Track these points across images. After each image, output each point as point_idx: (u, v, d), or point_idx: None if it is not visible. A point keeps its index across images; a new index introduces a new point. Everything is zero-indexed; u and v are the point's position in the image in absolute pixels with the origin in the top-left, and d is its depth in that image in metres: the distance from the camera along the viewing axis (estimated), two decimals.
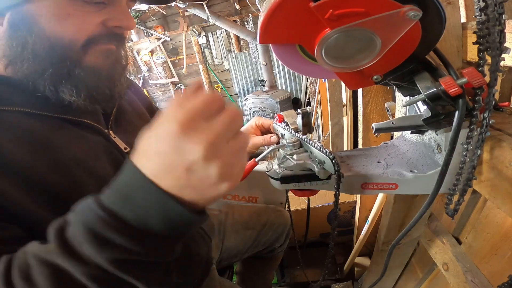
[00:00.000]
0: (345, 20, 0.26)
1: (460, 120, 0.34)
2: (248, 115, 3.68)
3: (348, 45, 0.28)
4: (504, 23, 0.31)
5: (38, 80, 0.43)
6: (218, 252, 0.87)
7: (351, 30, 0.27)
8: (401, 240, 0.81)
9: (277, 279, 1.37)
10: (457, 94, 0.32)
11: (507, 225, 0.52)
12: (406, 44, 0.30)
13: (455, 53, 0.52)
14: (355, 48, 0.29)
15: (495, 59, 0.33)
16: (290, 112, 0.60)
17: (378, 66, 0.32)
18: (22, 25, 0.41)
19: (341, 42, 0.28)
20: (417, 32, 0.29)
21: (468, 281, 0.58)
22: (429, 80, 0.34)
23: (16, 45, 0.42)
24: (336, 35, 0.27)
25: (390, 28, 0.27)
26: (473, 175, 0.42)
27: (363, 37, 0.28)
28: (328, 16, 0.26)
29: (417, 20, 0.26)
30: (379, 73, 0.34)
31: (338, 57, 0.30)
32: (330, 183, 0.49)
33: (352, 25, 0.26)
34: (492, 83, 0.34)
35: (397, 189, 0.48)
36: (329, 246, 0.60)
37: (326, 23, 0.27)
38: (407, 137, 0.54)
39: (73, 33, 0.43)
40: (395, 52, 0.30)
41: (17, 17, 0.40)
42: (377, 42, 0.28)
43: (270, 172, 0.52)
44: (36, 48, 0.42)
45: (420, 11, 0.26)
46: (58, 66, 0.43)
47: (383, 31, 0.27)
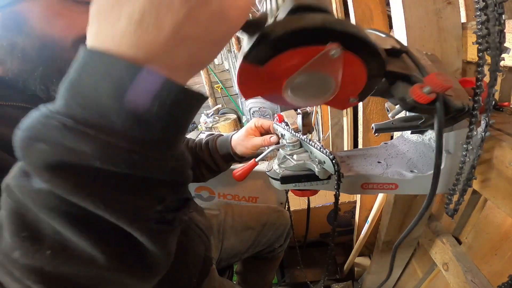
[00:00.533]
0: (289, 72, 0.29)
1: (440, 123, 0.34)
2: (248, 115, 3.69)
3: (310, 86, 0.31)
4: (504, 23, 0.31)
5: (29, 80, 0.44)
6: (218, 252, 0.87)
7: (300, 76, 0.30)
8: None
9: (277, 279, 1.37)
10: (430, 101, 0.32)
11: (507, 225, 0.52)
12: (357, 69, 0.32)
13: (455, 53, 0.52)
14: (317, 86, 0.31)
15: (494, 59, 0.33)
16: (290, 112, 0.60)
17: (349, 90, 0.34)
18: (12, 24, 0.41)
19: (303, 85, 0.31)
20: (355, 60, 0.30)
21: (468, 281, 0.58)
22: (403, 90, 0.34)
23: (6, 45, 0.42)
24: (290, 86, 0.31)
25: (328, 67, 0.29)
26: (473, 175, 0.42)
27: (315, 77, 0.30)
28: (275, 73, 0.29)
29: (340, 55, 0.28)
30: (353, 95, 0.35)
31: (306, 96, 0.33)
32: (330, 183, 0.49)
33: (295, 75, 0.29)
34: (491, 83, 0.34)
35: (397, 189, 0.48)
36: (329, 247, 0.60)
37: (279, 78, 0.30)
38: (407, 137, 0.54)
39: (63, 32, 0.43)
40: (353, 78, 0.32)
41: (7, 17, 0.41)
42: (329, 78, 0.30)
43: (270, 172, 0.52)
44: (26, 47, 0.42)
45: (338, 47, 0.27)
46: (49, 65, 0.44)
47: (325, 69, 0.30)
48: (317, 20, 0.27)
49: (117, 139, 0.20)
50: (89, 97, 0.20)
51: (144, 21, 0.19)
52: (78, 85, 0.21)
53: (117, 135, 0.20)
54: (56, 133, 0.20)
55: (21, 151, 0.21)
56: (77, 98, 0.21)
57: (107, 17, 0.20)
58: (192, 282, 0.65)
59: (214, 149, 0.77)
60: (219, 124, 3.87)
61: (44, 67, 0.44)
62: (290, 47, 0.28)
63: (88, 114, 0.20)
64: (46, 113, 0.21)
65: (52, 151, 0.20)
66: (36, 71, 0.44)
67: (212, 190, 1.09)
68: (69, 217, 0.21)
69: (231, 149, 0.75)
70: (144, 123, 0.21)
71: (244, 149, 0.73)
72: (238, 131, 0.75)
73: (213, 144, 0.78)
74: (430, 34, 0.51)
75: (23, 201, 0.21)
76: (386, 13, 0.86)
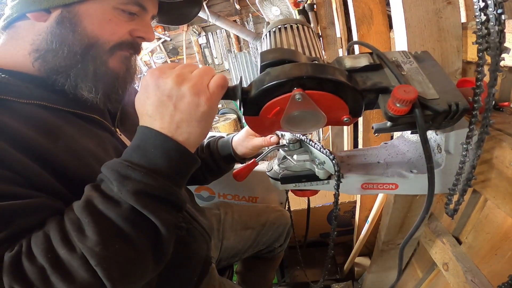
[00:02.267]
0: (279, 115, 0.36)
1: (422, 129, 0.33)
2: None
3: (302, 119, 0.37)
4: (504, 23, 0.31)
5: (62, 74, 0.47)
6: (218, 252, 0.87)
7: (288, 116, 0.36)
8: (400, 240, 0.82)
9: (277, 279, 1.37)
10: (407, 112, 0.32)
11: (507, 225, 0.52)
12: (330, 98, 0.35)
13: (455, 53, 0.52)
14: (308, 118, 0.36)
15: (494, 59, 0.33)
16: None
17: (338, 114, 0.37)
18: (69, 23, 0.45)
19: (295, 121, 0.37)
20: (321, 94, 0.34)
21: (468, 281, 0.58)
22: (383, 104, 0.35)
23: (56, 41, 0.46)
24: (285, 123, 0.37)
25: (302, 106, 0.34)
26: (473, 175, 0.42)
27: (302, 114, 0.36)
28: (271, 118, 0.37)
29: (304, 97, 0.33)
30: (345, 116, 0.38)
31: (301, 127, 0.38)
32: (330, 183, 0.49)
33: (284, 117, 0.36)
34: (491, 83, 0.34)
35: (397, 189, 0.48)
36: (329, 246, 0.60)
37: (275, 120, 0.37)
38: (407, 137, 0.54)
39: (108, 36, 0.48)
40: (333, 105, 0.36)
41: (67, 15, 0.45)
42: (317, 112, 0.35)
43: (270, 172, 0.52)
44: (74, 45, 0.46)
45: (299, 91, 0.33)
46: (87, 64, 0.47)
47: (302, 108, 0.35)
48: (277, 74, 0.34)
49: (162, 177, 0.38)
50: (149, 157, 0.38)
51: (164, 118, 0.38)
52: (144, 149, 0.38)
53: (162, 175, 0.38)
54: (137, 175, 0.36)
55: (118, 184, 0.36)
56: (144, 158, 0.38)
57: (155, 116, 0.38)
58: (193, 280, 0.65)
59: (215, 151, 0.77)
60: (219, 124, 3.86)
61: (83, 65, 0.47)
62: (268, 100, 0.35)
63: (151, 165, 0.38)
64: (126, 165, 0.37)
65: (139, 185, 0.36)
66: (74, 67, 0.47)
67: (212, 190, 1.09)
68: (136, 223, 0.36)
69: (232, 150, 0.75)
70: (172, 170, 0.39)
71: (245, 150, 0.73)
72: (238, 132, 0.76)
73: (215, 146, 0.78)
74: (430, 34, 0.51)
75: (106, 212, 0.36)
76: (386, 13, 0.86)
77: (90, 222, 0.34)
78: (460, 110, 0.34)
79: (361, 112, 0.38)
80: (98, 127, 0.52)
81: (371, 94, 0.36)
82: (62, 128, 0.46)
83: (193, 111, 0.37)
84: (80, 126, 0.49)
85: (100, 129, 0.53)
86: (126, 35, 0.50)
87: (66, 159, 0.43)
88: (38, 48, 0.46)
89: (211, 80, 0.38)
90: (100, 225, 0.35)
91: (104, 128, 0.54)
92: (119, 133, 0.58)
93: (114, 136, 0.55)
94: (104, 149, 0.50)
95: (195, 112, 0.37)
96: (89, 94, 0.49)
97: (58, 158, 0.42)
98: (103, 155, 0.49)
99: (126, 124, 0.61)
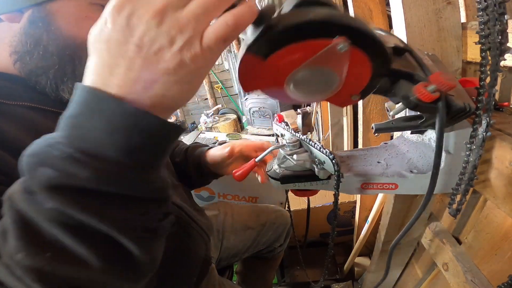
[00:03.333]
0: (293, 66, 0.29)
1: (442, 123, 0.33)
2: (248, 115, 3.69)
3: (313, 81, 0.30)
4: (505, 23, 0.31)
5: (42, 76, 0.45)
6: (217, 252, 0.87)
7: (303, 71, 0.29)
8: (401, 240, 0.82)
9: (277, 279, 1.37)
10: (433, 100, 0.32)
11: (507, 225, 0.52)
12: (362, 66, 0.31)
13: (455, 53, 0.52)
14: (320, 81, 0.31)
15: (495, 59, 0.33)
16: (290, 112, 0.60)
17: (351, 87, 0.33)
18: (41, 22, 0.43)
19: (305, 80, 0.30)
20: (361, 56, 0.30)
21: (468, 281, 0.58)
22: (406, 89, 0.34)
23: (30, 42, 0.44)
24: (293, 79, 0.30)
25: (334, 62, 0.29)
26: (474, 175, 0.42)
27: (318, 72, 0.30)
28: (278, 67, 0.29)
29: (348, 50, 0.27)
30: (355, 92, 0.35)
31: (308, 92, 0.32)
32: (330, 183, 0.49)
33: (298, 69, 0.29)
34: (492, 83, 0.34)
35: (397, 189, 0.48)
36: (329, 246, 0.60)
37: (282, 70, 0.29)
38: (407, 137, 0.54)
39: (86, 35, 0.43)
40: (357, 75, 0.32)
41: (38, 14, 0.43)
42: (333, 75, 0.30)
43: (270, 172, 0.52)
44: (49, 45, 0.44)
45: (346, 42, 0.27)
46: (65, 64, 0.45)
47: (330, 65, 0.29)
48: (323, 13, 0.27)
49: (109, 166, 0.25)
50: (86, 130, 0.25)
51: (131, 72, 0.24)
52: (77, 120, 0.25)
53: (109, 162, 0.25)
54: (58, 160, 0.24)
55: (28, 173, 0.25)
56: (76, 131, 0.25)
57: (110, 66, 0.25)
58: (192, 281, 0.65)
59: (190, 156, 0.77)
60: (219, 124, 3.86)
61: (60, 65, 0.45)
62: (295, 41, 0.27)
63: (86, 144, 0.25)
64: (49, 142, 0.25)
65: (55, 175, 0.24)
66: (52, 68, 0.45)
67: (212, 190, 1.09)
68: (68, 227, 0.24)
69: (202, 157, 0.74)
70: (131, 152, 0.25)
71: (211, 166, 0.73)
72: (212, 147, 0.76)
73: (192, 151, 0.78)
74: (430, 34, 0.51)
75: (28, 212, 0.24)
76: (386, 13, 0.86)
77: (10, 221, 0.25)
78: (472, 110, 0.34)
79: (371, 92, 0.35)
80: None
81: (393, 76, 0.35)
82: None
83: (172, 70, 0.24)
84: None
85: None
86: None
87: None
88: (15, 50, 0.44)
89: (211, 28, 0.24)
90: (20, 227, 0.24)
91: None
92: None
93: None
94: None
95: (174, 71, 0.24)
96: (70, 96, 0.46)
97: None
98: None
99: None
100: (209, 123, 3.87)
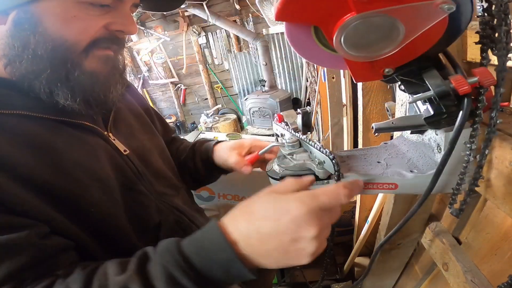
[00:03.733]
0: (374, 4, 0.25)
1: (464, 119, 0.34)
2: (248, 115, 3.68)
3: (370, 33, 0.27)
4: (510, 24, 0.31)
5: (34, 81, 0.43)
6: None
7: (377, 16, 0.25)
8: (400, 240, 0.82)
9: (277, 279, 1.37)
10: (465, 93, 0.32)
11: (507, 225, 0.52)
12: (427, 38, 0.29)
13: (455, 53, 0.52)
14: (376, 37, 0.27)
15: (501, 59, 0.33)
16: (290, 112, 0.60)
17: (393, 58, 0.31)
18: (27, 24, 0.40)
19: (363, 29, 0.27)
20: (442, 26, 0.28)
21: (468, 281, 0.58)
22: (439, 78, 0.34)
23: (18, 45, 0.41)
24: (360, 20, 0.26)
25: (418, 19, 0.26)
26: (480, 175, 0.42)
27: (387, 25, 0.26)
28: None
29: (448, 14, 0.26)
30: (391, 66, 0.33)
31: (357, 45, 0.28)
32: (330, 183, 0.49)
33: (381, 11, 0.25)
34: (499, 83, 0.34)
35: (397, 189, 0.48)
36: (329, 246, 0.60)
37: (353, 6, 0.25)
38: (407, 137, 0.54)
39: (76, 36, 0.42)
40: (415, 45, 0.29)
41: (23, 16, 0.40)
42: (400, 32, 0.27)
43: (270, 172, 0.52)
44: (37, 48, 0.41)
45: (454, 4, 0.25)
46: (57, 68, 0.43)
47: (410, 21, 0.26)
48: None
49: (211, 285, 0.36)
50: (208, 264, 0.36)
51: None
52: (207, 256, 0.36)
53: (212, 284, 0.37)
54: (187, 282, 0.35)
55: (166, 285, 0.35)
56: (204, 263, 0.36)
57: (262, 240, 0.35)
58: None
59: (197, 152, 0.75)
60: (219, 124, 3.86)
61: (52, 69, 0.43)
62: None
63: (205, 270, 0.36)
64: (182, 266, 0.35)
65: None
66: (44, 73, 0.42)
67: (212, 190, 1.09)
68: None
69: (211, 152, 0.72)
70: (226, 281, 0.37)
71: (217, 159, 0.71)
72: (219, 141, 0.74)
73: (199, 147, 0.76)
74: None
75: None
76: None
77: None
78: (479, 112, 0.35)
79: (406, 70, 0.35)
80: (88, 133, 0.50)
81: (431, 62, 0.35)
82: (48, 141, 0.43)
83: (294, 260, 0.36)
84: (69, 135, 0.47)
85: (90, 135, 0.50)
86: (101, 30, 0.44)
87: (52, 176, 0.41)
88: (4, 53, 0.42)
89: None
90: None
91: (97, 134, 0.51)
92: (112, 138, 0.54)
93: (107, 142, 0.53)
94: (96, 158, 0.48)
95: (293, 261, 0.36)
96: (66, 101, 0.44)
97: (43, 176, 0.40)
98: (93, 165, 0.47)
99: (119, 127, 0.58)
100: (209, 123, 3.87)
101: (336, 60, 0.34)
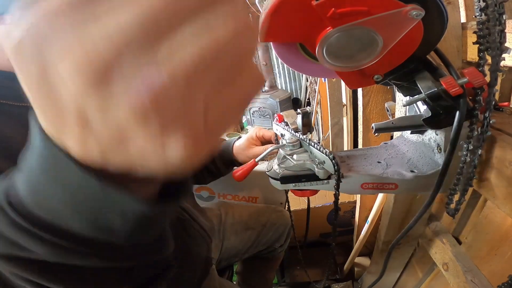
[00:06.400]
0: (347, 19, 0.26)
1: (461, 120, 0.34)
2: (248, 115, 3.68)
3: (350, 44, 0.28)
4: (504, 23, 0.31)
5: None
6: (218, 252, 0.87)
7: (353, 29, 0.27)
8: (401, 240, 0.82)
9: (277, 279, 1.37)
10: (458, 94, 0.32)
11: (507, 225, 0.52)
12: (408, 44, 0.31)
13: (455, 53, 0.52)
14: (356, 47, 0.29)
15: (495, 59, 0.33)
16: (290, 112, 0.60)
17: (379, 65, 0.32)
18: None
19: (342, 41, 0.28)
20: (419, 31, 0.29)
21: (468, 281, 0.58)
22: (430, 80, 0.34)
23: None
24: (337, 34, 0.27)
25: (392, 28, 0.27)
26: (473, 174, 0.42)
27: (364, 36, 0.28)
28: (330, 14, 0.26)
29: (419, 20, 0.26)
30: (380, 72, 0.34)
31: (340, 56, 0.30)
32: (330, 183, 0.49)
33: (354, 24, 0.26)
34: (492, 83, 0.34)
35: (397, 189, 0.48)
36: (330, 247, 0.60)
37: (328, 22, 0.27)
38: (407, 137, 0.54)
39: None
40: (396, 51, 0.31)
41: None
42: (378, 41, 0.28)
43: (270, 172, 0.52)
44: None
45: (422, 10, 0.26)
46: None
47: (385, 30, 0.27)
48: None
49: (73, 243, 0.19)
50: (43, 196, 0.18)
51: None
52: (35, 180, 0.18)
53: (73, 239, 0.18)
54: (8, 229, 0.18)
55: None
56: (34, 195, 0.18)
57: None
58: (193, 282, 0.65)
59: (216, 153, 0.77)
60: None
61: None
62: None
63: (43, 213, 0.18)
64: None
65: (4, 244, 0.19)
66: None
67: (212, 190, 1.09)
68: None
69: (232, 155, 0.75)
70: (104, 231, 0.18)
71: (246, 158, 0.74)
72: (239, 137, 0.76)
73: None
74: None
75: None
76: None
77: None
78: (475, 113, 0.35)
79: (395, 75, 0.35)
80: None
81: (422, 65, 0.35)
82: None
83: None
84: None
85: None
86: None
87: None
88: None
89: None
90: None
91: None
92: None
93: None
94: None
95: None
96: None
97: None
98: None
99: None
100: None
101: (328, 70, 0.35)
